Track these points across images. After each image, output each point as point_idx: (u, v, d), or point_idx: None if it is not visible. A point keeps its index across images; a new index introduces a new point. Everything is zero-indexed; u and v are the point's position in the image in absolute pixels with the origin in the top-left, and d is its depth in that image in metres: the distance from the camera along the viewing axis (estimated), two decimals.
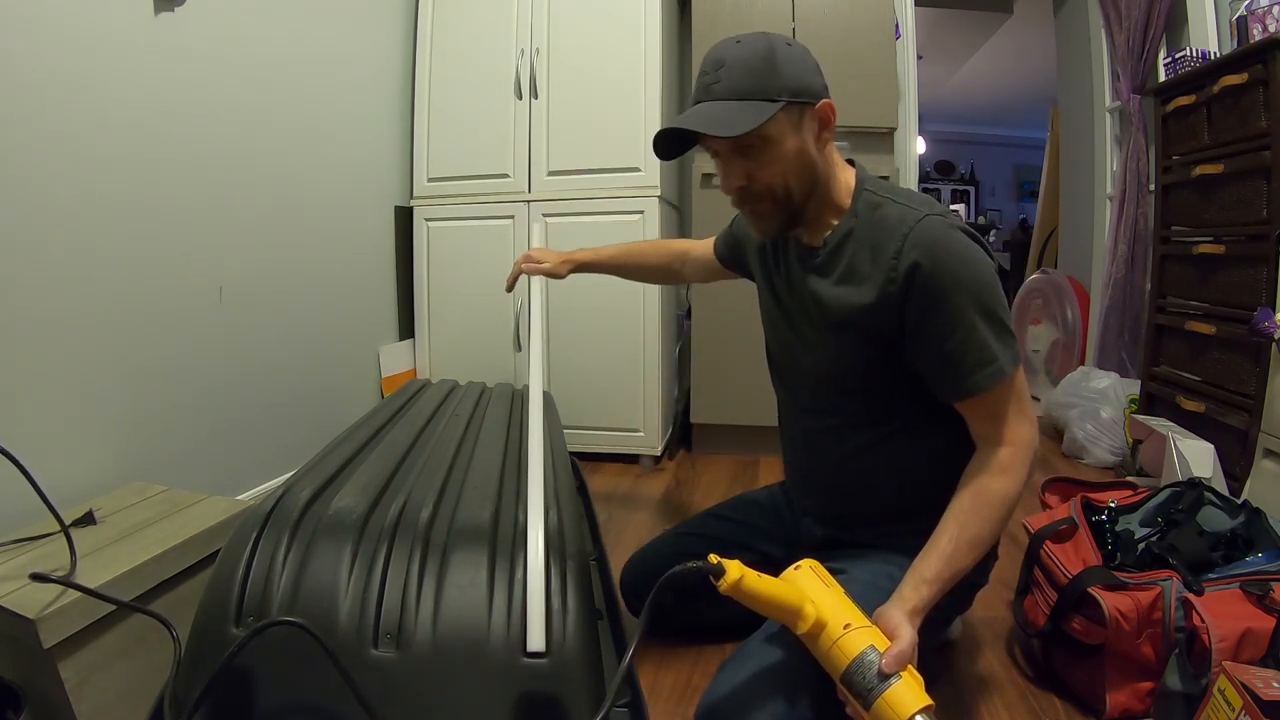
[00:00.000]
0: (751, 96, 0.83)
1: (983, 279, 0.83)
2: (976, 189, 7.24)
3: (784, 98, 0.84)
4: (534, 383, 1.13)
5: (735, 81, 0.84)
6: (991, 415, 0.85)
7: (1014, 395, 0.85)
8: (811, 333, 0.97)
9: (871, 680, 0.67)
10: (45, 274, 1.15)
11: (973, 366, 0.83)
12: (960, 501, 0.83)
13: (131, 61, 1.30)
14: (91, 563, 0.91)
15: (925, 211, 0.85)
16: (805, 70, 0.87)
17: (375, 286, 2.19)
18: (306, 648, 0.66)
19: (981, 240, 0.86)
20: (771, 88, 0.84)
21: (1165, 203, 2.04)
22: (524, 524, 0.80)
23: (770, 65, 0.84)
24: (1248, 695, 0.74)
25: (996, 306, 0.83)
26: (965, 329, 0.82)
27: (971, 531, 0.81)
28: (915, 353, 0.87)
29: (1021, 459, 0.84)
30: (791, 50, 0.86)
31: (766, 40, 0.86)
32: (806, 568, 0.76)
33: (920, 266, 0.82)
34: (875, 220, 0.89)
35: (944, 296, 0.82)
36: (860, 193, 0.92)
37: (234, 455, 1.58)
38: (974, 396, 0.84)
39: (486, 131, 2.19)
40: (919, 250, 0.82)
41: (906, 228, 0.84)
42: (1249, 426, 1.56)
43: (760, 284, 1.10)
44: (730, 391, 2.23)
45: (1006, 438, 0.84)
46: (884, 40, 2.15)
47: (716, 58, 0.86)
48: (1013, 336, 0.85)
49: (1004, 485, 0.83)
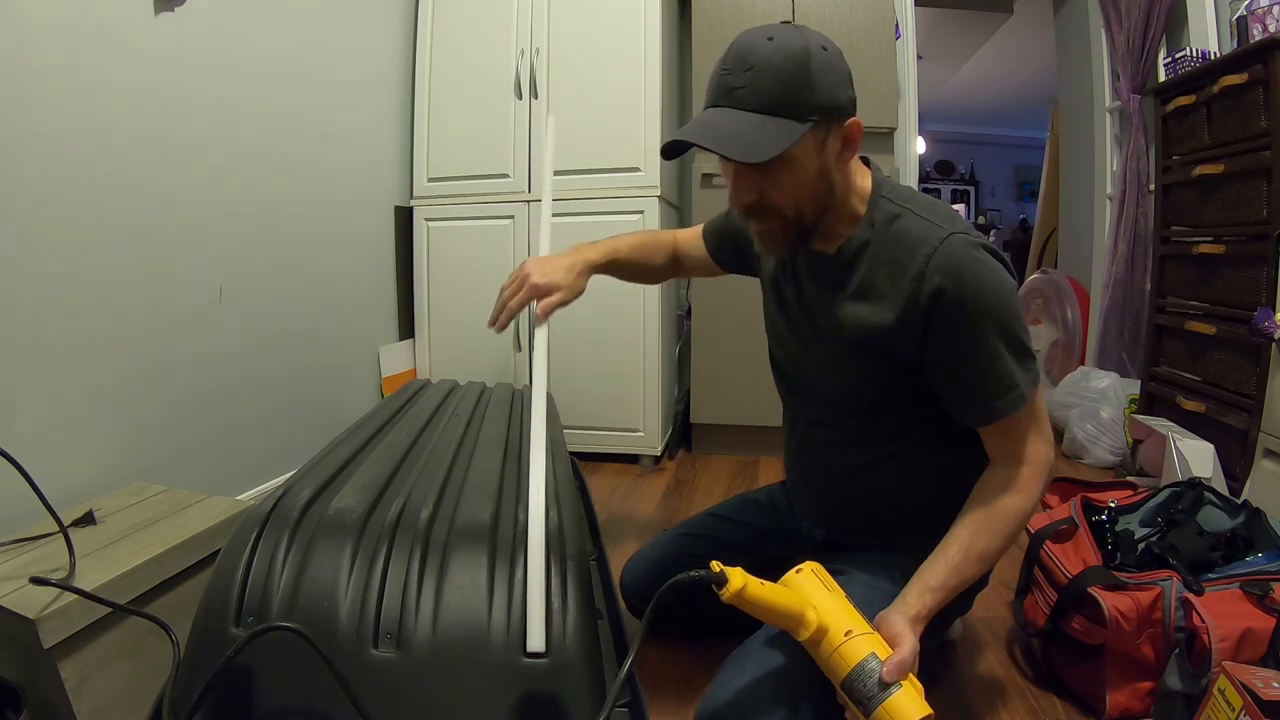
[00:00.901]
0: (779, 112, 0.75)
1: (1007, 303, 0.80)
2: (976, 189, 7.25)
3: (814, 117, 0.77)
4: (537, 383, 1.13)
5: (764, 90, 0.75)
6: (1010, 437, 0.84)
7: (1033, 417, 0.84)
8: (821, 347, 0.94)
9: (872, 688, 0.67)
10: (44, 274, 1.15)
11: (994, 393, 0.81)
12: (973, 514, 0.83)
13: (131, 61, 1.30)
14: (91, 563, 0.91)
15: (949, 230, 0.81)
16: (839, 83, 0.79)
17: (375, 286, 2.19)
18: (306, 649, 0.66)
19: (1003, 257, 0.83)
20: (803, 104, 0.76)
21: (1165, 203, 2.04)
22: (524, 524, 0.80)
23: (804, 76, 0.75)
24: (1248, 695, 0.74)
25: (1019, 331, 0.82)
26: (989, 356, 0.80)
27: (982, 544, 0.81)
28: (935, 376, 0.86)
29: (1038, 478, 0.83)
30: (827, 57, 0.78)
31: (803, 41, 0.76)
32: (808, 571, 0.76)
33: (945, 292, 0.79)
34: (894, 234, 0.84)
35: (968, 323, 0.80)
36: (877, 200, 0.87)
37: (234, 455, 1.58)
38: (994, 423, 0.84)
39: (486, 131, 2.19)
40: (943, 274, 0.79)
41: (930, 248, 0.80)
42: (1249, 426, 1.56)
43: (766, 287, 1.06)
44: (730, 391, 2.23)
45: (1024, 457, 0.84)
46: (884, 40, 2.15)
47: (743, 55, 0.76)
48: (1033, 359, 0.84)
49: (1019, 503, 0.82)
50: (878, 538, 0.97)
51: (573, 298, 1.04)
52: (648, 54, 2.09)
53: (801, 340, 0.98)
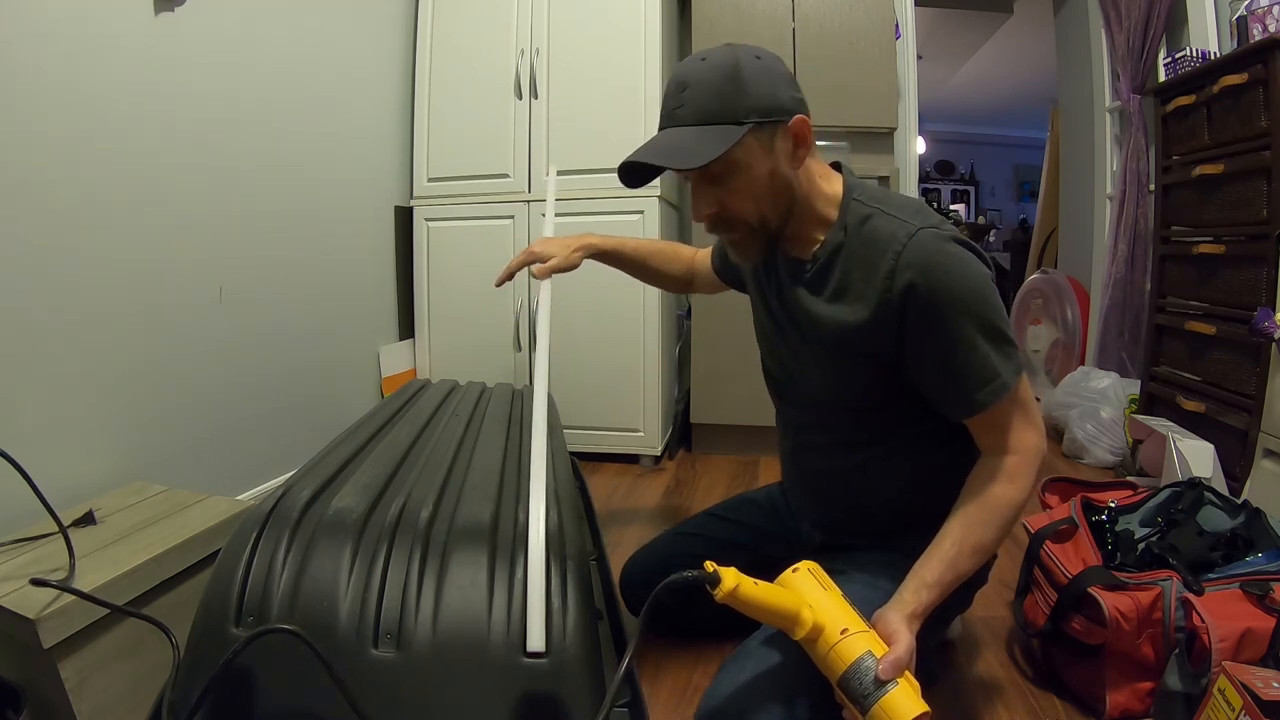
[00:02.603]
0: (717, 120, 0.79)
1: (980, 293, 0.80)
2: (976, 189, 7.24)
3: (752, 119, 0.80)
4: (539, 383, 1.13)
5: (700, 104, 0.80)
6: (996, 428, 0.84)
7: (1018, 406, 0.84)
8: (806, 350, 0.95)
9: (868, 686, 0.67)
10: (45, 274, 1.15)
11: (975, 385, 0.81)
12: (965, 507, 0.83)
13: (131, 61, 1.30)
14: (91, 563, 0.91)
15: (917, 225, 0.82)
16: (776, 85, 0.82)
17: (375, 286, 2.19)
18: (306, 650, 0.66)
19: (975, 247, 0.83)
20: (739, 109, 0.79)
21: (1165, 203, 2.04)
22: (524, 524, 0.80)
23: (736, 84, 0.79)
24: (1248, 695, 0.74)
25: (996, 319, 0.82)
26: (966, 348, 0.81)
27: (976, 537, 0.81)
28: (916, 372, 0.86)
29: (1028, 466, 0.83)
30: (761, 64, 0.82)
31: (732, 55, 0.81)
32: (804, 570, 0.76)
33: (916, 287, 0.80)
34: (865, 235, 0.85)
35: (942, 316, 0.80)
36: (849, 203, 0.88)
37: (234, 455, 1.58)
38: (978, 414, 0.84)
39: (486, 131, 2.19)
40: (913, 270, 0.80)
41: (899, 245, 0.81)
42: (1249, 426, 1.56)
43: (754, 297, 1.07)
44: (730, 391, 2.23)
45: (1012, 446, 0.84)
46: (884, 40, 2.14)
47: (680, 79, 0.82)
48: (1013, 346, 0.84)
49: (1010, 493, 0.82)
50: (875, 539, 0.97)
51: (567, 267, 1.16)
52: (648, 54, 2.09)
53: (788, 345, 0.99)
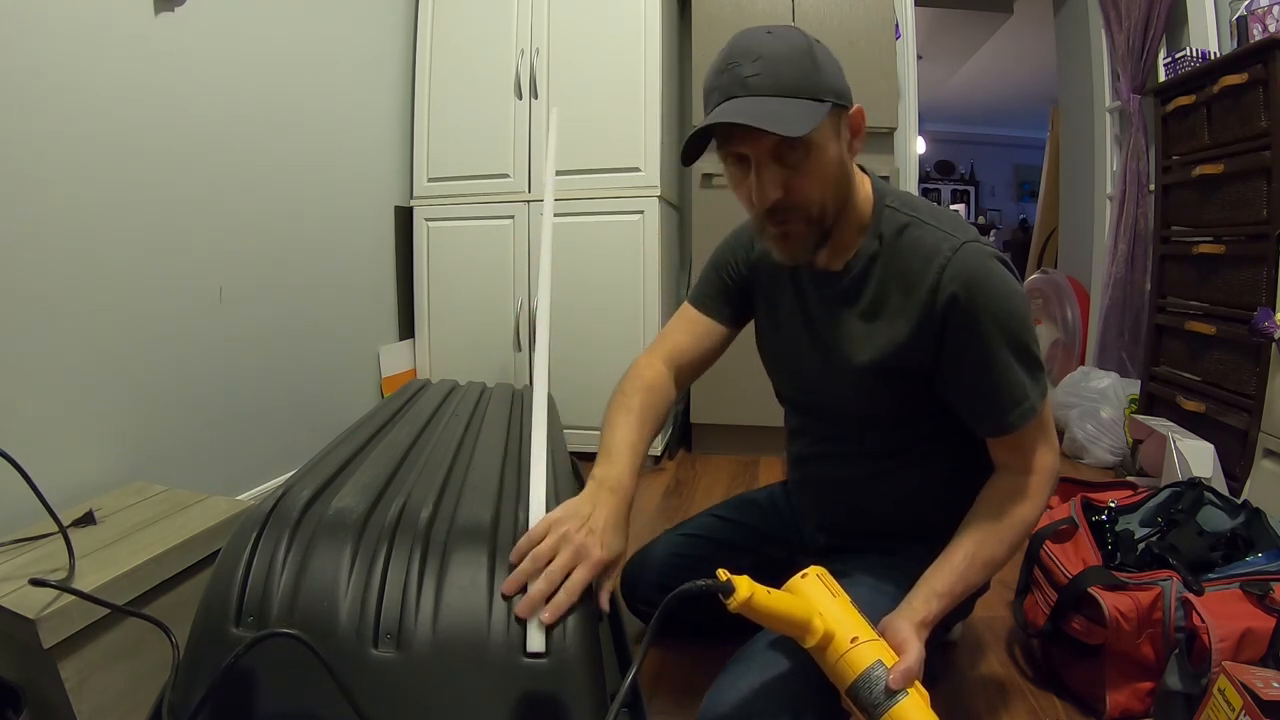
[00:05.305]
0: (798, 94, 0.73)
1: (1020, 314, 0.80)
2: (976, 189, 7.25)
3: (829, 99, 0.75)
4: (539, 383, 1.13)
5: (781, 75, 0.73)
6: (1020, 448, 0.84)
7: (1041, 428, 0.84)
8: (831, 369, 0.92)
9: (878, 696, 0.66)
10: (45, 273, 1.15)
11: (1006, 406, 0.81)
12: (979, 521, 0.83)
13: (131, 61, 1.30)
14: (91, 563, 0.91)
15: (961, 239, 0.81)
16: (840, 72, 0.79)
17: (375, 286, 2.19)
18: (306, 651, 0.66)
19: (1013, 267, 0.83)
20: (819, 86, 0.74)
21: (1165, 203, 2.04)
22: (524, 524, 0.80)
23: (813, 61, 0.75)
24: (1248, 695, 0.74)
25: (1030, 341, 0.81)
26: (1000, 368, 0.80)
27: (988, 552, 0.81)
28: (947, 387, 0.85)
29: (1044, 486, 0.84)
30: (825, 49, 0.78)
31: (801, 33, 0.77)
32: (813, 575, 0.75)
33: (958, 300, 0.79)
34: (904, 245, 0.83)
35: (981, 335, 0.79)
36: (882, 210, 0.86)
37: (234, 455, 1.58)
38: (1005, 435, 0.83)
39: (486, 131, 2.19)
40: (957, 284, 0.79)
41: (944, 258, 0.80)
42: (1249, 426, 1.56)
43: (762, 316, 1.03)
44: (730, 391, 2.23)
45: (1033, 467, 0.84)
46: (884, 40, 2.15)
47: (747, 47, 0.75)
48: (1042, 369, 0.84)
49: (1025, 511, 0.82)
50: (878, 541, 0.97)
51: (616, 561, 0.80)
52: (648, 54, 2.09)
53: (810, 365, 0.95)
